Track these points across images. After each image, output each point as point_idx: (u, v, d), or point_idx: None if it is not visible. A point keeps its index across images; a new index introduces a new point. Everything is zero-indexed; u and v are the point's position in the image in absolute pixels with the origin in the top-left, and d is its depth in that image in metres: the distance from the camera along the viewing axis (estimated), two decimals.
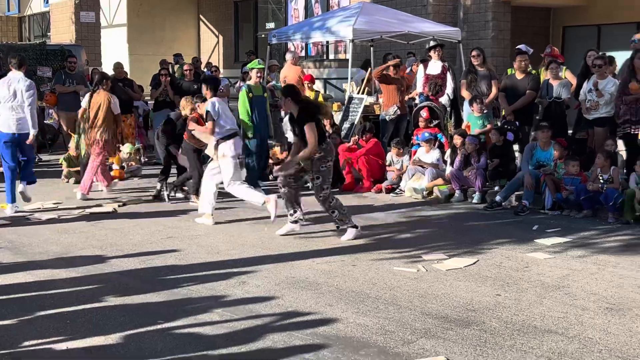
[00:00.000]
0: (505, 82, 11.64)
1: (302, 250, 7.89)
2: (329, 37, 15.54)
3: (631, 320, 5.68)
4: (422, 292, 6.42)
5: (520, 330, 5.46)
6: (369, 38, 15.36)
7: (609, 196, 9.22)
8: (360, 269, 7.15)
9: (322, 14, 19.02)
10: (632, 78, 10.07)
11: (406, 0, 18.14)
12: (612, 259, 7.48)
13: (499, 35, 17.60)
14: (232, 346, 5.20)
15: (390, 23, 14.90)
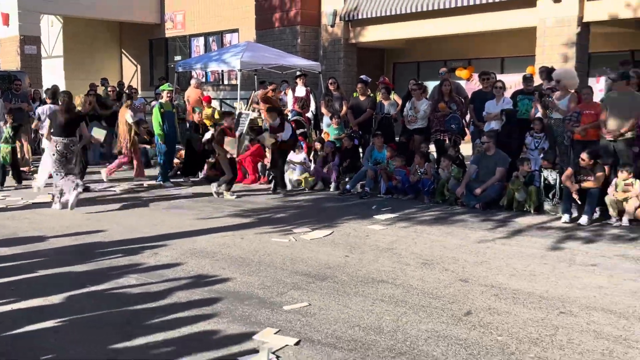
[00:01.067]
0: (352, 102, 11.80)
1: (203, 228, 7.75)
2: (223, 67, 15.31)
3: (439, 271, 5.91)
4: (292, 256, 6.45)
5: (362, 281, 5.58)
6: (253, 68, 15.30)
7: (424, 184, 9.55)
8: (247, 241, 7.10)
9: (217, 50, 18.73)
10: (440, 100, 10.48)
11: (281, 41, 18.11)
12: (426, 228, 7.73)
13: (348, 68, 17.87)
14: (146, 303, 5.04)
15: (269, 57, 14.87)
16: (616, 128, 8.33)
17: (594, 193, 7.95)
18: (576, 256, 6.39)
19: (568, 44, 13.08)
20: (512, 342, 4.25)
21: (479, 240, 7.11)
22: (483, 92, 10.47)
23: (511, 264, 6.11)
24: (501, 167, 9.03)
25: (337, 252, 6.59)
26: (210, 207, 9.24)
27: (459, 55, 18.01)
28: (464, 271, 5.86)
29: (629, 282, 5.50)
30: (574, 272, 5.82)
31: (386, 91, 11.48)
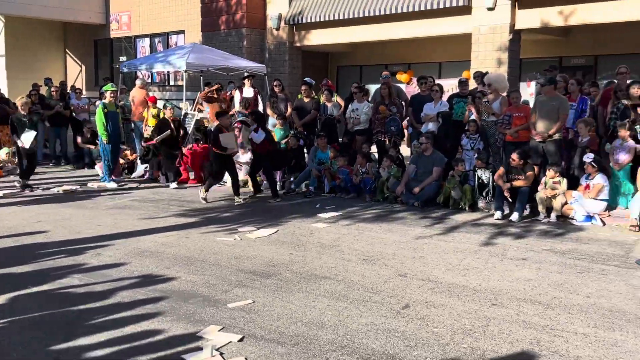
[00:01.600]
0: (297, 103, 11.80)
1: (147, 228, 7.61)
2: (168, 68, 15.01)
3: (379, 267, 5.99)
4: (237, 254, 6.41)
5: (306, 278, 5.59)
6: (199, 70, 15.08)
7: (366, 183, 9.66)
8: (191, 240, 7.01)
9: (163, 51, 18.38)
10: (382, 102, 10.60)
11: (227, 44, 17.94)
12: (368, 226, 7.82)
13: (293, 70, 17.86)
14: (90, 303, 4.91)
15: (215, 59, 14.69)
16: (545, 130, 8.63)
17: (524, 191, 8.22)
18: (507, 251, 6.59)
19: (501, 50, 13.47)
20: (447, 334, 4.35)
21: (417, 236, 7.24)
22: (421, 95, 10.66)
23: (447, 259, 6.25)
24: (438, 166, 9.22)
25: (281, 250, 6.58)
26: (154, 207, 9.07)
27: (400, 59, 18.29)
28: (403, 266, 5.96)
29: (555, 275, 5.72)
30: (505, 266, 6.00)
31: (329, 93, 11.54)
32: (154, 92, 19.50)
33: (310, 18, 16.89)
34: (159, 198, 9.86)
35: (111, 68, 23.37)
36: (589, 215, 7.89)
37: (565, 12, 12.80)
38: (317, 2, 17.01)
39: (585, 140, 8.66)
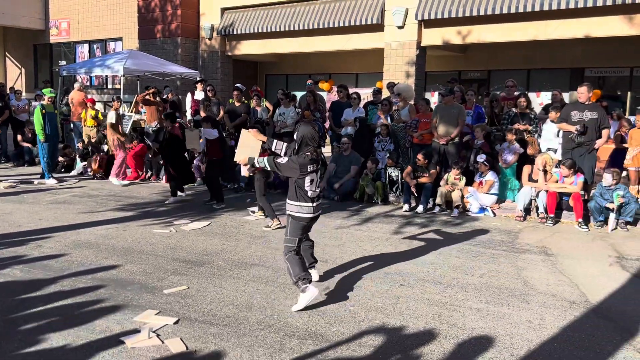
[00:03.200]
0: (228, 107, 11.65)
1: (86, 222, 7.31)
2: (107, 72, 14.42)
3: None
4: (172, 245, 6.28)
5: (237, 265, 5.56)
6: (136, 74, 14.61)
7: None
8: (129, 233, 6.81)
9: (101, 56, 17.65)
10: (307, 108, 10.66)
11: (162, 51, 17.44)
12: None
13: (225, 77, 17.60)
14: (31, 292, 4.67)
15: (151, 65, 14.28)
16: (445, 133, 8.96)
17: (428, 187, 8.51)
18: (414, 239, 6.82)
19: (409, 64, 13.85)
20: (362, 311, 4.46)
21: (337, 227, 7.35)
22: (340, 102, 10.81)
23: (362, 246, 6.39)
24: (355, 165, 9.39)
25: (214, 241, 6.51)
26: (94, 202, 8.73)
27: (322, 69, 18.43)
28: (324, 253, 6.04)
29: (454, 259, 5.97)
30: (412, 252, 6.20)
31: (258, 98, 11.49)
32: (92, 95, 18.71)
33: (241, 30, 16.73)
34: (98, 194, 9.49)
35: (51, 71, 22.20)
36: (482, 207, 8.27)
37: (463, 32, 13.34)
38: (247, 16, 16.87)
39: (479, 142, 9.06)
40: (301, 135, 4.45)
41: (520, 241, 6.75)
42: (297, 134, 4.47)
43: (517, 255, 6.14)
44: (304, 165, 4.41)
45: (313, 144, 4.43)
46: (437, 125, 9.03)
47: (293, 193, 4.50)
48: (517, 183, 8.59)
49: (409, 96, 10.16)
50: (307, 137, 4.43)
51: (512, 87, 9.85)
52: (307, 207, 4.49)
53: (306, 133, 4.43)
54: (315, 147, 4.46)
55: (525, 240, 6.77)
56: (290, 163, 4.40)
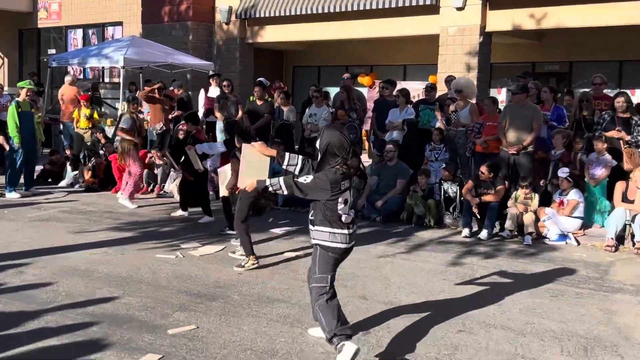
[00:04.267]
0: (248, 106, 11.78)
1: (77, 243, 7.43)
2: (104, 63, 14.78)
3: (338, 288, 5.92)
4: (179, 274, 6.32)
5: (257, 301, 5.56)
6: (138, 66, 14.91)
7: None
8: (127, 258, 6.88)
9: (98, 44, 18.08)
10: (341, 107, 10.69)
11: (170, 37, 17.74)
12: None
13: (244, 69, 17.77)
14: (10, 329, 4.75)
15: (156, 54, 14.56)
16: (516, 141, 8.84)
17: (494, 207, 8.39)
18: (476, 271, 6.70)
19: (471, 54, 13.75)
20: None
21: (379, 255, 7.28)
22: (385, 100, 10.80)
23: (411, 280, 6.31)
24: (402, 178, 9.34)
25: (229, 269, 6.52)
26: (85, 219, 8.88)
27: (361, 61, 18.46)
28: (363, 288, 5.99)
29: (526, 299, 5.84)
30: (473, 288, 6.09)
31: (285, 96, 11.56)
32: None
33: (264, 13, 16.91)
34: (91, 209, 9.66)
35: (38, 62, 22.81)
36: (563, 233, 8.10)
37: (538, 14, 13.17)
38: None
39: (559, 152, 8.90)
40: (326, 142, 4.15)
41: (611, 277, 6.58)
42: (321, 140, 4.18)
43: (608, 295, 5.97)
44: (336, 182, 4.14)
45: (342, 154, 4.13)
46: (506, 130, 8.92)
47: (321, 217, 4.25)
48: (607, 204, 8.39)
49: (471, 93, 10.09)
50: (333, 145, 4.12)
51: (601, 85, 9.64)
52: (340, 235, 4.25)
53: (333, 140, 4.11)
54: (345, 158, 4.15)
55: (617, 277, 6.60)
56: (318, 181, 4.14)
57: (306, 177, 4.20)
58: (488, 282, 6.33)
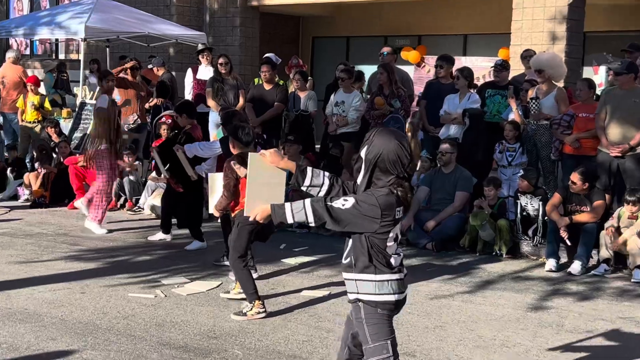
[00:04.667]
0: (253, 92, 11.81)
1: (21, 278, 7.48)
2: (58, 34, 14.96)
3: None
4: (159, 320, 6.32)
5: (264, 357, 5.54)
6: (104, 37, 15.02)
7: None
8: (90, 297, 6.91)
9: (50, 8, 18.30)
10: (378, 93, 10.69)
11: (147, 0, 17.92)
12: None
13: (247, 42, 17.85)
14: None
15: (128, 22, 14.64)
16: (621, 138, 8.76)
17: (590, 229, 8.30)
18: (565, 319, 6.63)
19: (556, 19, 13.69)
20: None
21: (432, 295, 7.24)
22: (440, 83, 10.77)
23: (476, 330, 6.25)
24: (463, 190, 9.29)
25: (227, 314, 6.51)
26: (34, 245, 8.96)
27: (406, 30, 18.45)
28: (410, 340, 5.95)
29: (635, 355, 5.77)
30: (562, 341, 6.02)
31: (302, 78, 11.58)
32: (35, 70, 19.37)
33: None
34: (40, 231, 9.73)
35: None
36: None
37: None
38: None
39: None
40: (376, 153, 3.96)
41: None
42: (368, 149, 3.98)
43: None
44: (389, 207, 3.94)
45: (398, 171, 3.97)
46: (607, 124, 8.86)
47: (364, 259, 4.04)
48: None
49: (557, 74, 10.02)
50: (387, 158, 3.93)
51: None
52: (391, 283, 4.04)
53: (387, 151, 3.93)
54: (400, 176, 3.99)
55: None
56: (363, 206, 3.91)
57: (345, 200, 3.95)
58: (583, 335, 6.25)
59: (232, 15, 17.82)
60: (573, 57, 13.58)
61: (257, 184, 4.25)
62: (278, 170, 4.21)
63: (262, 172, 4.24)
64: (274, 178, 4.22)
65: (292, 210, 4.01)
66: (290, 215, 4.00)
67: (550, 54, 11.04)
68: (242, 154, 6.45)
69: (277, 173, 4.21)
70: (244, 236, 6.61)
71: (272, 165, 4.20)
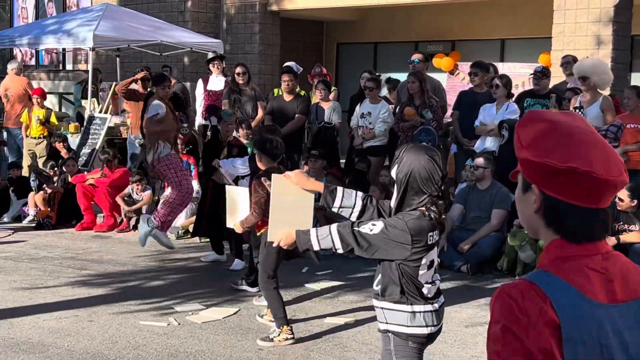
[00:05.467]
0: (272, 104, 11.84)
1: (25, 305, 7.53)
2: (65, 43, 15.09)
3: None
4: (172, 350, 6.34)
5: None
6: (114, 47, 15.13)
7: None
8: (98, 325, 6.94)
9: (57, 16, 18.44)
10: (408, 103, 10.68)
11: (160, 5, 18.02)
12: None
13: (267, 50, 17.92)
14: None
15: (139, 30, 14.73)
16: None
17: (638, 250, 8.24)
18: None
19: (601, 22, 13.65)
20: None
21: (467, 322, 7.21)
22: (474, 92, 10.76)
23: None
24: (500, 208, 9.25)
25: (244, 343, 6.52)
26: (39, 269, 9.01)
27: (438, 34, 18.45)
28: None
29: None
30: None
31: (326, 87, 11.61)
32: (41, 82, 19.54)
33: None
34: (46, 255, 9.79)
35: None
36: None
37: None
38: None
39: None
40: (407, 172, 3.97)
41: None
42: (399, 168, 4.01)
43: None
44: (421, 232, 3.96)
45: (431, 189, 3.99)
46: None
47: (394, 288, 4.06)
48: None
49: (603, 81, 9.97)
50: (418, 176, 3.95)
51: None
52: (425, 315, 4.06)
53: (417, 168, 3.94)
54: (434, 196, 3.98)
55: None
56: (392, 231, 3.92)
57: (373, 225, 3.95)
58: None
59: (250, 21, 17.89)
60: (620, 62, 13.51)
61: (281, 207, 4.25)
62: (304, 193, 4.21)
63: (286, 194, 4.25)
64: (299, 201, 4.22)
65: (318, 236, 4.04)
66: (316, 242, 4.03)
67: (595, 60, 10.98)
68: (271, 169, 6.44)
69: (303, 195, 4.22)
70: (273, 255, 6.60)
71: (298, 187, 4.21)
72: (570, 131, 1.95)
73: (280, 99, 11.76)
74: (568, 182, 1.91)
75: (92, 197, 11.43)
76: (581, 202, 1.93)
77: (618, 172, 1.92)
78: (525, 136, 2.02)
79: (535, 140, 1.98)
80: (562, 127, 1.96)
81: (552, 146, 1.93)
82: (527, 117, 2.08)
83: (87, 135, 13.39)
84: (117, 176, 11.57)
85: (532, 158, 1.96)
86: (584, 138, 1.94)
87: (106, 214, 11.47)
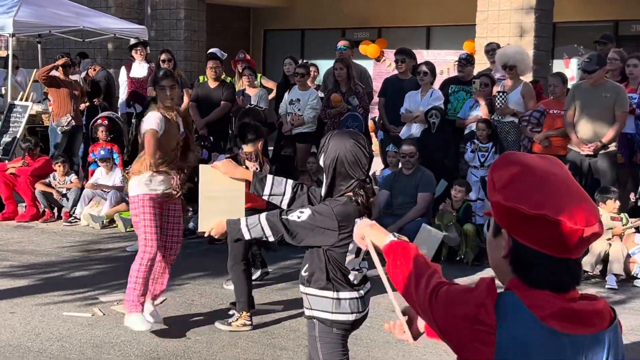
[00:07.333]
0: (197, 90, 11.76)
1: None
2: None
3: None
4: (97, 340, 6.27)
5: None
6: (35, 33, 14.90)
7: None
8: (20, 317, 6.82)
9: None
10: (335, 90, 10.70)
11: None
12: None
13: (193, 36, 17.80)
14: None
15: (61, 16, 14.51)
16: (592, 136, 8.86)
17: None
18: None
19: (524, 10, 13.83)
20: None
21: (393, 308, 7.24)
22: (399, 79, 10.83)
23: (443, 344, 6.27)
24: (425, 191, 9.32)
25: (170, 332, 6.47)
26: None
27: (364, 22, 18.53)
28: (370, 357, 5.95)
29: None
30: None
31: (252, 74, 11.57)
32: None
33: None
34: None
35: None
36: None
37: None
38: None
39: None
40: (333, 157, 3.99)
41: None
42: (325, 155, 4.01)
43: None
44: (347, 217, 3.96)
45: (358, 174, 4.02)
46: (577, 120, 8.96)
47: (320, 274, 4.06)
48: None
49: (524, 68, 10.12)
50: (345, 160, 3.97)
51: None
52: (350, 302, 4.07)
53: (343, 153, 3.96)
54: (363, 180, 4.04)
55: None
56: (318, 217, 3.95)
57: (301, 212, 3.99)
58: None
59: (176, 7, 17.75)
60: (542, 49, 13.74)
61: (210, 197, 4.25)
62: (233, 182, 4.20)
63: (215, 184, 4.25)
64: (230, 190, 4.22)
65: (248, 225, 4.04)
66: (246, 231, 4.03)
67: (516, 47, 11.14)
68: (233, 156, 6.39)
69: (233, 185, 4.21)
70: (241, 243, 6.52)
71: (226, 176, 4.21)
72: (544, 177, 1.93)
73: (206, 85, 11.68)
74: (537, 230, 1.88)
75: (14, 186, 11.22)
76: (550, 251, 1.91)
77: (590, 223, 1.89)
78: (498, 179, 1.99)
79: (507, 184, 1.95)
80: (536, 173, 1.94)
81: (523, 191, 1.91)
82: (502, 159, 2.06)
83: (8, 123, 13.12)
84: (38, 165, 11.38)
85: (503, 202, 1.94)
86: (559, 185, 1.92)
87: (28, 203, 11.28)
